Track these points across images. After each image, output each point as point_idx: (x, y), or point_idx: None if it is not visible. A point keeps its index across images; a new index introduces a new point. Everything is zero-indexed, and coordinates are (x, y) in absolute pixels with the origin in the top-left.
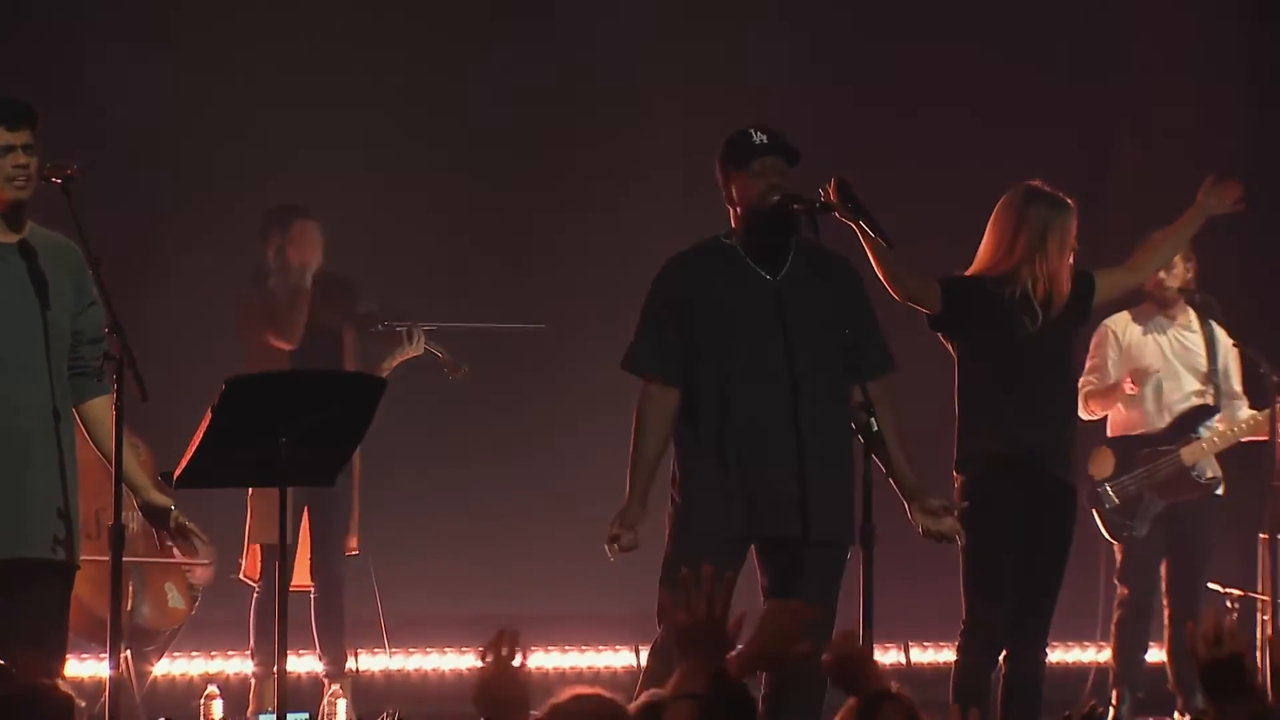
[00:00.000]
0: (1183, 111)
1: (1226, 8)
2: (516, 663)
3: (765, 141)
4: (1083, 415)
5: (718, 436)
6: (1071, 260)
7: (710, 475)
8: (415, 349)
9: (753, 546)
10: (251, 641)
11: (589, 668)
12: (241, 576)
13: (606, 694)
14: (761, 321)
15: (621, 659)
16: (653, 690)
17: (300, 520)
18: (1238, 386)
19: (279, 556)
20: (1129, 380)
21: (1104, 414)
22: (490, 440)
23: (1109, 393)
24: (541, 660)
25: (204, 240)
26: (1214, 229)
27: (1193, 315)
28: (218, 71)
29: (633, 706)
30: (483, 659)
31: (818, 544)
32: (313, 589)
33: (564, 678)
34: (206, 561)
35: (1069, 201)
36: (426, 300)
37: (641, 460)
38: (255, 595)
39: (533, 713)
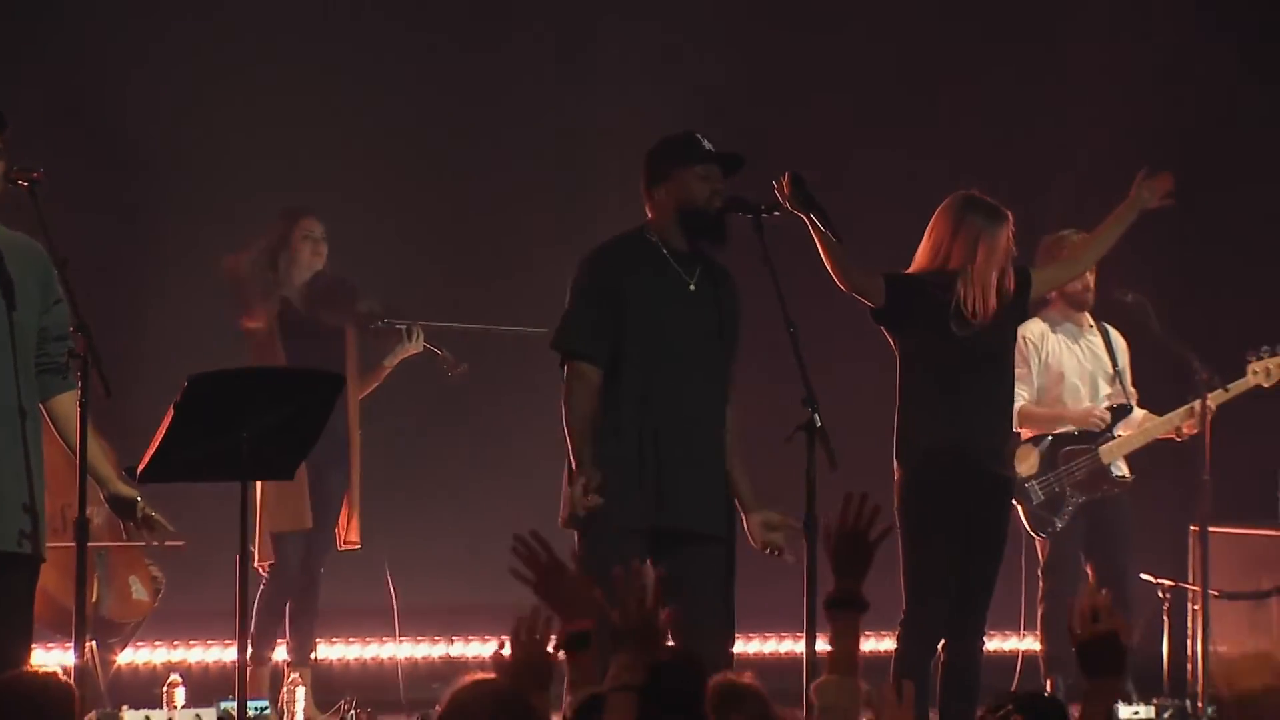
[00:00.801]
0: (1119, 112)
1: (1165, 11)
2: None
3: (712, 148)
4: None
5: (636, 426)
6: (1006, 268)
7: (625, 464)
8: (415, 347)
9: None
10: (254, 628)
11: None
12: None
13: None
14: (681, 318)
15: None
16: (591, 689)
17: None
18: (1132, 387)
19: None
20: (1082, 419)
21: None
22: (485, 437)
23: (1051, 419)
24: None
25: (196, 241)
26: (1147, 225)
27: (1090, 319)
28: (213, 73)
29: (572, 700)
30: (513, 644)
31: (724, 538)
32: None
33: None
34: (180, 542)
35: (1005, 212)
36: (426, 299)
37: (584, 432)
38: (262, 585)
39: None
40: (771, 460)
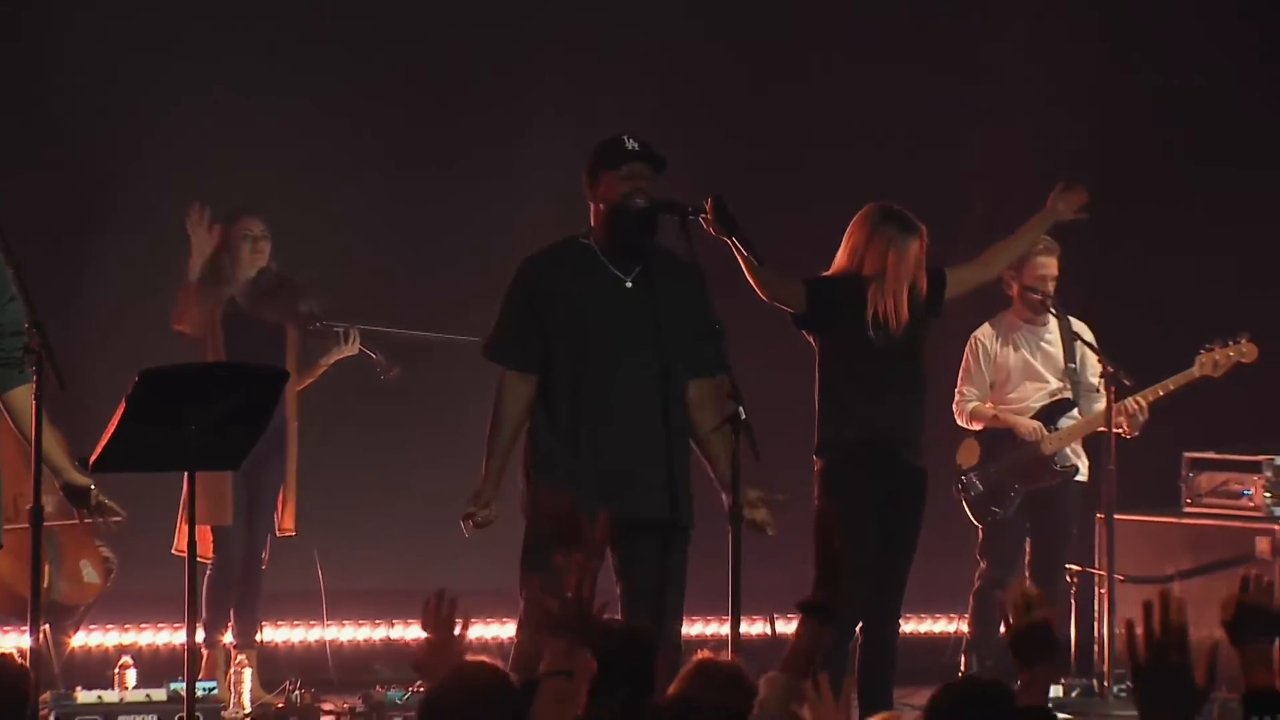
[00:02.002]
0: (1035, 121)
1: (1082, 16)
2: (457, 630)
3: (636, 148)
4: (961, 423)
5: (571, 422)
6: (918, 276)
7: (561, 459)
8: (350, 349)
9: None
10: (204, 614)
11: (493, 638)
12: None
13: (490, 661)
14: (612, 317)
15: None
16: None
17: (242, 501)
18: (1095, 380)
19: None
20: (1024, 429)
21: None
22: (416, 433)
23: (998, 421)
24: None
25: (142, 241)
26: (1063, 231)
27: (1052, 318)
28: (158, 71)
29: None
30: (425, 628)
31: (669, 527)
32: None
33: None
34: (119, 516)
35: (918, 225)
36: (365, 302)
37: (498, 444)
38: (209, 573)
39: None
40: (697, 451)
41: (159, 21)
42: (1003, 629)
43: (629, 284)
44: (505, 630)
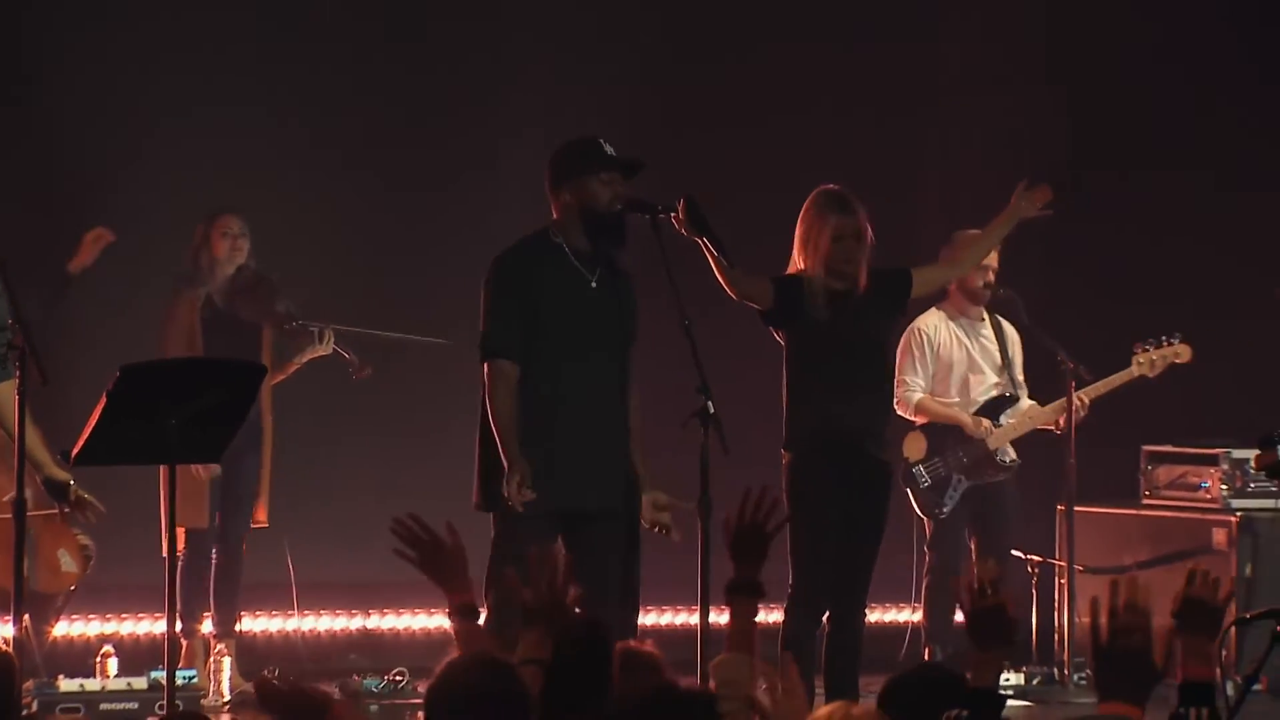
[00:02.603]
0: (994, 114)
1: (1033, 10)
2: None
3: (614, 153)
4: (903, 413)
5: (542, 416)
6: (864, 251)
7: (533, 452)
8: (324, 348)
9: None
10: (180, 606)
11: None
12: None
13: (499, 655)
14: (580, 314)
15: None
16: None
17: (218, 496)
18: (1020, 377)
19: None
20: (972, 426)
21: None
22: (386, 430)
23: (945, 417)
24: (425, 622)
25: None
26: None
27: (985, 313)
28: (138, 71)
29: None
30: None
31: (628, 517)
32: (215, 555)
33: (429, 636)
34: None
35: (854, 202)
36: (340, 303)
37: (508, 427)
38: (180, 565)
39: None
40: (668, 445)
41: (149, 27)
42: (959, 613)
43: (594, 284)
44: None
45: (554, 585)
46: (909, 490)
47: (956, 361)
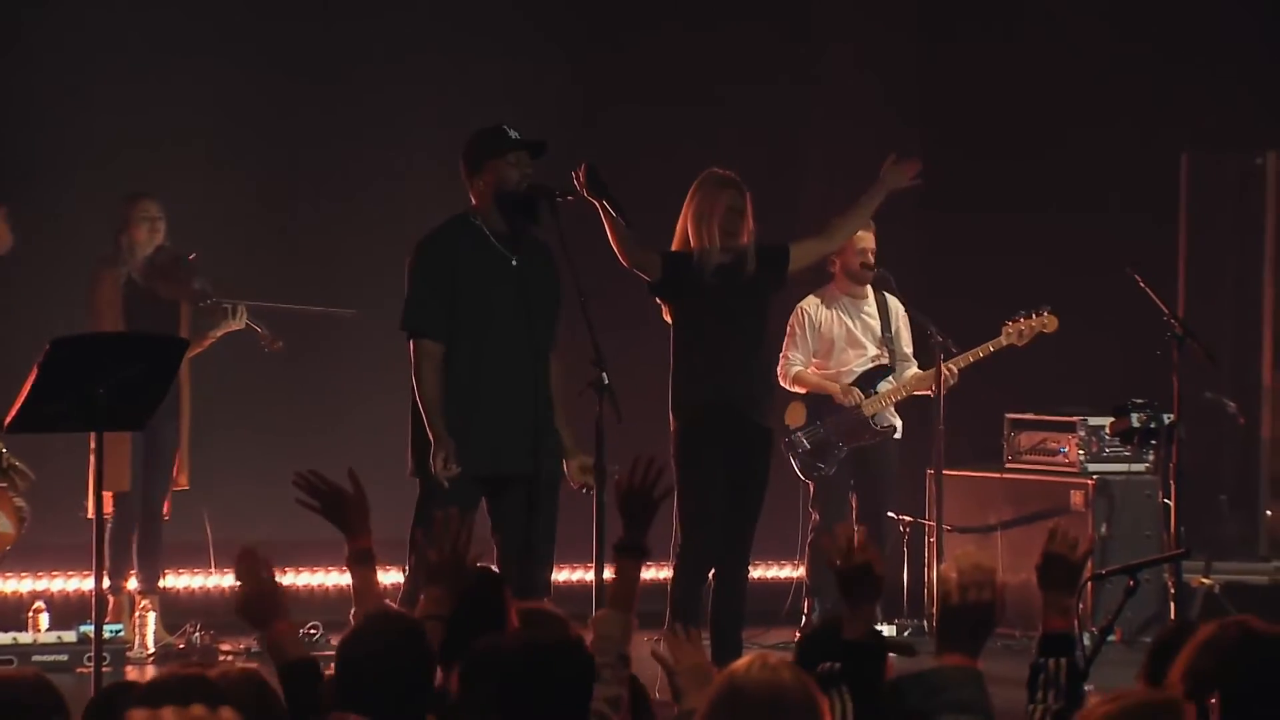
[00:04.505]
0: (866, 92)
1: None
2: (267, 575)
3: (519, 136)
4: (784, 385)
5: (465, 388)
6: (748, 229)
7: (455, 420)
8: (238, 323)
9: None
10: (107, 564)
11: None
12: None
13: (405, 610)
14: (502, 292)
15: (391, 577)
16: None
17: (140, 461)
18: (908, 349)
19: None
20: (841, 394)
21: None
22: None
23: (819, 387)
24: (337, 579)
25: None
26: (894, 205)
27: (870, 291)
28: (48, 56)
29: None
30: (238, 578)
31: (548, 482)
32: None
33: (341, 592)
34: (28, 477)
35: (734, 180)
36: (251, 280)
37: (436, 407)
38: (109, 527)
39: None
40: (567, 412)
41: (57, 7)
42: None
43: (514, 262)
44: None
45: (456, 546)
46: (790, 455)
47: (836, 337)
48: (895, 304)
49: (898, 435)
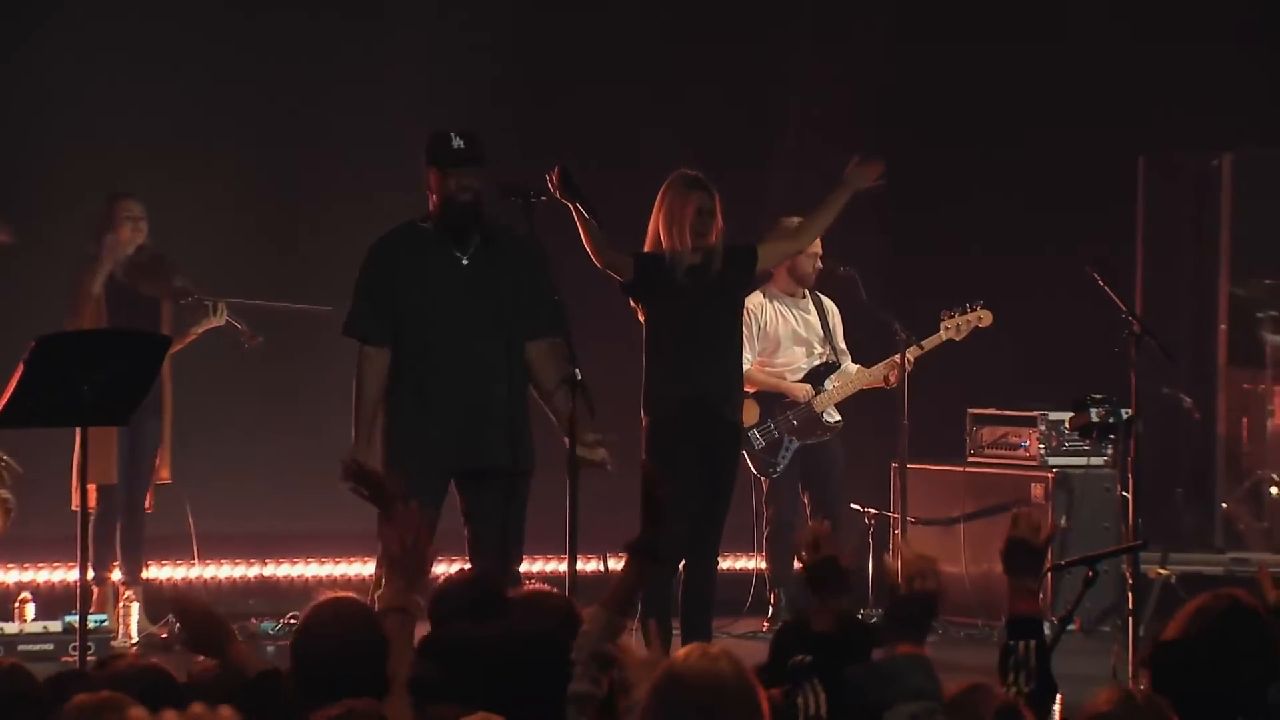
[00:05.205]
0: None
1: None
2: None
3: (461, 146)
4: None
5: (421, 386)
6: (717, 228)
7: (414, 419)
8: (219, 320)
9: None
10: (91, 556)
11: (341, 575)
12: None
13: (348, 595)
14: (452, 291)
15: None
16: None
17: (125, 456)
18: (844, 346)
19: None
20: (796, 390)
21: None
22: (280, 394)
23: (768, 385)
24: (316, 569)
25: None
26: (858, 205)
27: (807, 291)
28: (28, 59)
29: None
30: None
31: (510, 473)
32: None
33: (321, 583)
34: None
35: (703, 182)
36: (232, 277)
37: (364, 411)
38: (93, 519)
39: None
40: (539, 409)
41: (44, 12)
42: (798, 566)
43: (465, 261)
44: (368, 569)
45: (416, 541)
46: (744, 452)
47: (783, 335)
48: (829, 303)
49: (839, 429)
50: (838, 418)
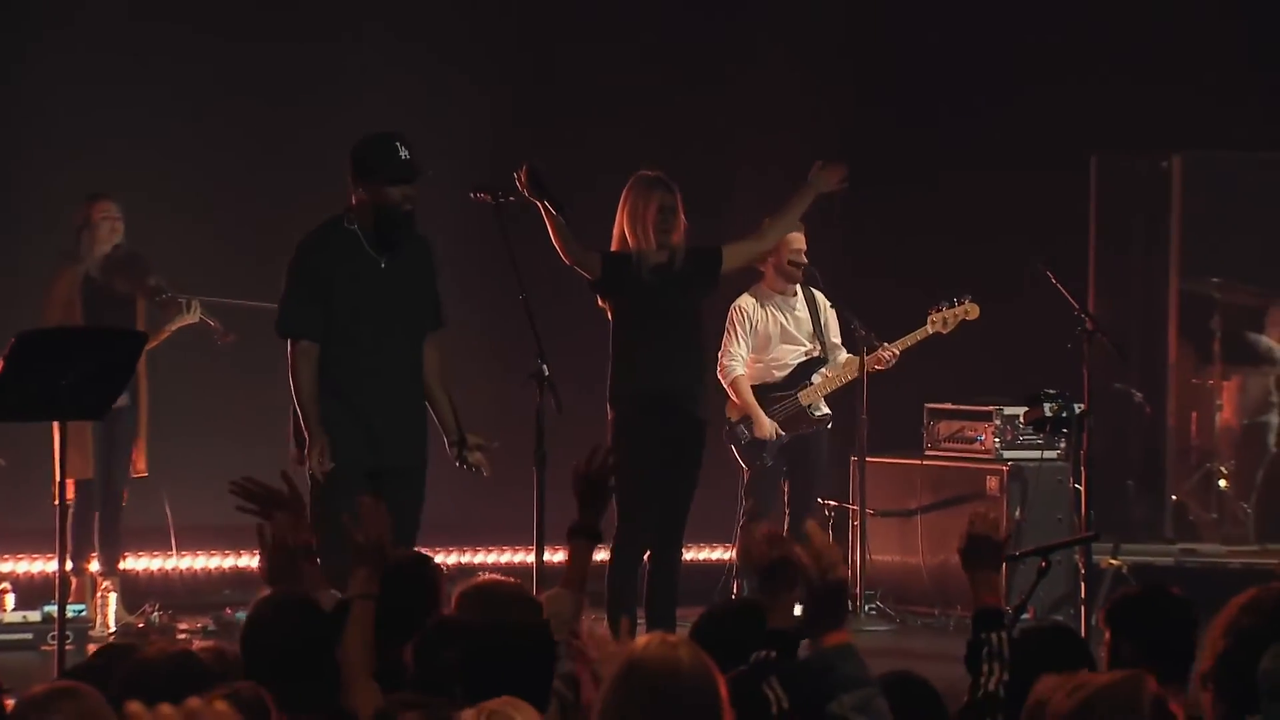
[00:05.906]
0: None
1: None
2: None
3: (407, 157)
4: (722, 380)
5: (343, 385)
6: (681, 225)
7: (337, 417)
8: (192, 317)
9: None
10: (69, 547)
11: None
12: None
13: (300, 591)
14: (371, 293)
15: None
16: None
17: (102, 450)
18: (837, 339)
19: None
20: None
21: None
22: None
23: (748, 407)
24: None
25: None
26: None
27: (798, 288)
28: (21, 55)
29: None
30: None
31: (416, 468)
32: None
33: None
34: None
35: (664, 181)
36: (205, 276)
37: (310, 402)
38: (71, 511)
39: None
40: (507, 403)
41: (23, 14)
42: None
43: (383, 265)
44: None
45: (380, 530)
46: (733, 445)
47: (772, 334)
48: (821, 297)
49: (829, 425)
50: (826, 410)
